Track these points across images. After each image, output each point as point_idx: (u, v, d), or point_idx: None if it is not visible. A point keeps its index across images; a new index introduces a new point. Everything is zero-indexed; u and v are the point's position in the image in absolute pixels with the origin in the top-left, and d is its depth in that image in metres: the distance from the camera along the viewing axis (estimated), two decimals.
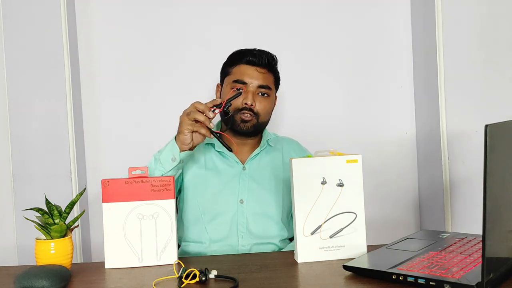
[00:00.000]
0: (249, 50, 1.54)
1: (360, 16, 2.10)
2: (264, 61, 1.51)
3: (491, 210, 0.87)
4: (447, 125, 1.85)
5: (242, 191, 1.49)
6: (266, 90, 1.51)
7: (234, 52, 1.57)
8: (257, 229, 1.47)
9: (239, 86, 1.49)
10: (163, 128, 2.05)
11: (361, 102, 2.10)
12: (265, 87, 1.51)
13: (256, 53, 1.52)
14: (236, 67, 1.53)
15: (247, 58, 1.51)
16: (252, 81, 1.49)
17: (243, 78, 1.49)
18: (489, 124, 0.85)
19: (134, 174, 1.27)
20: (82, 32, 2.03)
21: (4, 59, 1.88)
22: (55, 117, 1.88)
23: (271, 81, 1.54)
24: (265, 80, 1.51)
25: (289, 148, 1.62)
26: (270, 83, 1.53)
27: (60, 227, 1.20)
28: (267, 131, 1.61)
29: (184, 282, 1.07)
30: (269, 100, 1.53)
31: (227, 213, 1.47)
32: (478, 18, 1.85)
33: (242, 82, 1.49)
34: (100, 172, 2.04)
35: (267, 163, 1.55)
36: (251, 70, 1.50)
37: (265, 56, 1.52)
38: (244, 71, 1.51)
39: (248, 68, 1.51)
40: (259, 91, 1.50)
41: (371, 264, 1.12)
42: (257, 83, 1.49)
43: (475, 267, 1.02)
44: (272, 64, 1.54)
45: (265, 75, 1.52)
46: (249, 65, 1.51)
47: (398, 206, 2.12)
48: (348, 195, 1.23)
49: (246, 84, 1.49)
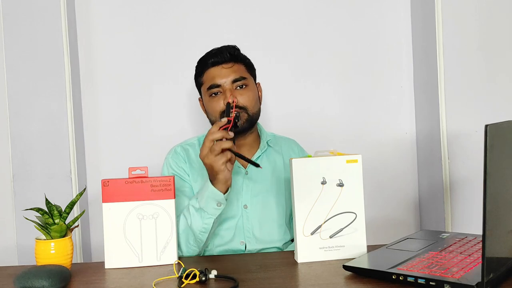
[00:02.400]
0: (208, 52, 1.51)
1: (360, 16, 2.09)
2: (226, 56, 1.48)
3: (491, 210, 0.87)
4: (447, 125, 1.85)
5: (246, 196, 1.47)
6: (242, 81, 1.47)
7: (198, 61, 1.54)
8: (262, 235, 1.46)
9: (216, 90, 1.46)
10: (163, 128, 2.05)
11: (361, 102, 2.10)
12: (239, 79, 1.47)
13: (215, 52, 1.49)
14: (205, 75, 1.50)
15: (209, 61, 1.48)
16: (223, 80, 1.46)
17: (215, 81, 1.46)
18: (489, 124, 0.85)
19: (134, 174, 1.27)
20: (82, 32, 2.03)
21: (4, 59, 1.88)
22: (55, 117, 1.88)
23: (242, 70, 1.50)
24: (236, 72, 1.47)
25: (288, 148, 1.60)
26: (243, 73, 1.49)
27: (60, 227, 1.20)
28: (264, 130, 1.59)
29: (184, 282, 1.07)
30: (250, 89, 1.48)
31: (232, 219, 1.45)
32: (478, 18, 1.85)
33: (216, 86, 1.46)
34: (100, 172, 2.04)
35: (269, 166, 1.53)
36: (218, 70, 1.47)
37: (224, 50, 1.49)
38: (213, 74, 1.47)
39: (214, 70, 1.48)
40: (235, 85, 1.46)
41: (371, 264, 1.12)
42: (229, 79, 1.46)
43: (475, 267, 1.02)
44: (235, 54, 1.50)
45: (234, 67, 1.48)
46: (214, 66, 1.48)
47: (398, 206, 2.12)
48: (348, 195, 1.23)
49: (220, 85, 1.46)
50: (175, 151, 1.53)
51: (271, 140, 1.58)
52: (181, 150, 1.53)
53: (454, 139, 1.85)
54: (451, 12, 1.85)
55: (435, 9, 1.85)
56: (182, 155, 1.52)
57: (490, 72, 1.85)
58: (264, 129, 1.60)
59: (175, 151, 1.53)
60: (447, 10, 1.85)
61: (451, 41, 1.85)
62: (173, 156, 1.52)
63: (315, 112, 2.09)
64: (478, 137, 1.82)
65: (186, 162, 1.50)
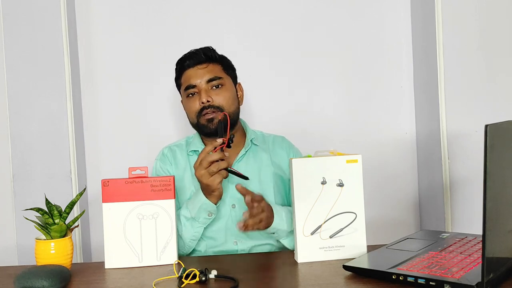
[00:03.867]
0: (184, 55, 1.54)
1: (360, 16, 2.09)
2: (201, 57, 1.50)
3: (491, 210, 0.87)
4: (447, 125, 1.85)
5: (234, 196, 1.48)
6: (217, 81, 1.48)
7: (175, 64, 1.56)
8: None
9: (192, 91, 1.48)
10: (163, 128, 2.05)
11: (361, 102, 2.10)
12: (214, 78, 1.48)
13: (190, 54, 1.52)
14: (182, 77, 1.53)
15: (185, 63, 1.51)
16: (198, 80, 1.48)
17: (190, 82, 1.49)
18: (489, 124, 0.85)
19: (134, 174, 1.27)
20: (82, 32, 2.03)
21: (4, 59, 1.88)
22: (55, 117, 1.88)
23: (218, 70, 1.51)
24: (210, 72, 1.49)
25: (276, 146, 1.60)
26: (218, 73, 1.50)
27: (60, 227, 1.20)
28: (249, 128, 1.59)
29: (184, 282, 1.07)
30: (226, 88, 1.49)
31: (221, 219, 1.46)
32: (478, 18, 1.85)
33: (191, 86, 1.48)
34: (100, 172, 2.04)
35: (254, 164, 1.53)
36: (193, 71, 1.50)
37: (200, 51, 1.51)
38: (189, 75, 1.50)
39: (190, 71, 1.50)
40: (210, 85, 1.48)
41: (371, 264, 1.12)
42: (204, 79, 1.48)
43: (475, 267, 1.02)
44: (210, 55, 1.51)
45: (208, 67, 1.50)
46: (189, 68, 1.51)
47: (398, 206, 2.12)
48: (348, 195, 1.23)
49: (195, 86, 1.48)
50: (162, 154, 1.59)
51: (257, 138, 1.58)
52: (168, 151, 1.58)
53: (454, 139, 1.85)
54: (451, 12, 1.85)
55: (435, 9, 1.85)
56: (168, 157, 1.56)
57: (490, 72, 1.85)
58: (249, 127, 1.60)
59: (163, 153, 1.59)
60: (447, 10, 1.85)
61: (451, 41, 1.85)
62: (161, 158, 1.58)
63: (315, 112, 2.09)
64: (478, 137, 1.82)
65: (172, 164, 1.55)
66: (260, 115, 2.04)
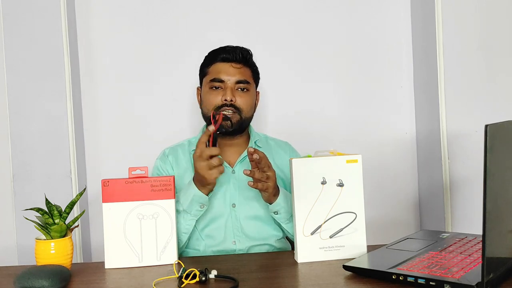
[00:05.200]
0: (222, 47, 1.53)
1: (360, 15, 2.09)
2: (239, 56, 1.50)
3: (491, 210, 0.87)
4: (447, 125, 1.85)
5: (234, 195, 1.48)
6: (244, 85, 1.49)
7: (209, 52, 1.56)
8: (251, 232, 1.47)
9: (218, 84, 1.48)
10: (163, 128, 2.05)
11: (361, 102, 2.10)
12: (243, 81, 1.49)
13: (229, 49, 1.51)
14: (212, 67, 1.51)
15: (221, 55, 1.50)
16: (229, 77, 1.48)
17: (220, 76, 1.48)
18: (489, 124, 0.85)
19: (134, 174, 1.27)
20: (82, 32, 2.03)
21: (4, 59, 1.87)
22: (55, 117, 1.88)
23: (248, 75, 1.52)
24: (242, 75, 1.49)
25: (279, 149, 1.60)
26: (248, 77, 1.51)
27: (60, 227, 1.20)
28: (254, 130, 1.60)
29: (184, 282, 1.07)
30: (249, 94, 1.51)
31: (220, 218, 1.46)
32: (478, 18, 1.85)
33: (219, 80, 1.48)
34: (100, 172, 2.04)
35: None
36: (226, 67, 1.49)
37: (238, 51, 1.51)
38: (220, 69, 1.49)
39: (223, 65, 1.49)
40: (237, 86, 1.48)
41: (371, 264, 1.12)
42: (234, 79, 1.48)
43: (475, 267, 1.02)
44: (247, 58, 1.52)
45: (241, 69, 1.50)
46: (224, 62, 1.50)
47: (398, 206, 2.12)
48: (348, 195, 1.23)
49: (224, 81, 1.48)
50: (163, 153, 1.58)
51: (261, 140, 1.59)
52: (170, 151, 1.57)
53: (454, 139, 1.85)
54: (451, 12, 1.85)
55: (435, 9, 1.85)
56: (169, 157, 1.55)
57: (490, 72, 1.85)
58: (254, 130, 1.61)
59: (164, 153, 1.58)
60: (447, 10, 1.85)
61: (451, 41, 1.85)
62: (161, 158, 1.57)
63: (315, 112, 2.09)
64: (478, 137, 1.82)
65: (172, 165, 1.54)
66: (260, 115, 2.04)
